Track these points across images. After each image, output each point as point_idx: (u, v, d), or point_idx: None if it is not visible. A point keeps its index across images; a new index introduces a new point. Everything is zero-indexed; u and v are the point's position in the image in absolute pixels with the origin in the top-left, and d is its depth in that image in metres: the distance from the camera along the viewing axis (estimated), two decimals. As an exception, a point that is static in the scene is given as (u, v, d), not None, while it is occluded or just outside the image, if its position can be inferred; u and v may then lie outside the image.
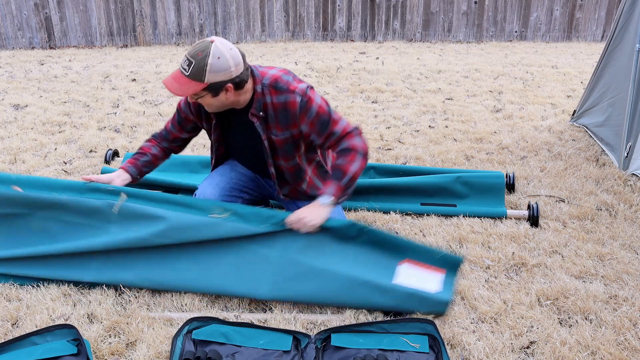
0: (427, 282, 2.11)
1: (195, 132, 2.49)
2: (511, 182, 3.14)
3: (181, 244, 2.20)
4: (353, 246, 2.20)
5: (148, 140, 2.50)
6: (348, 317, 2.06)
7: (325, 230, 2.18)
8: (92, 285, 2.23)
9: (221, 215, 2.20)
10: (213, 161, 2.55)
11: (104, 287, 2.25)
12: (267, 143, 2.29)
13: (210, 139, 2.47)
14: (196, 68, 2.05)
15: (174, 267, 2.19)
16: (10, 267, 2.26)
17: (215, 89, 2.10)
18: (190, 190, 2.99)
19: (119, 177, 2.36)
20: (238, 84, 2.12)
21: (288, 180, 2.44)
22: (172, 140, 2.49)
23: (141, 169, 2.44)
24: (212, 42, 2.06)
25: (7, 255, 2.26)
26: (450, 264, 2.18)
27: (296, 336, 1.92)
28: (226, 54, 2.06)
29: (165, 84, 2.12)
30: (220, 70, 2.05)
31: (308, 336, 1.92)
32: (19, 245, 2.28)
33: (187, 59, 2.07)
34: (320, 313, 2.10)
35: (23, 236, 2.29)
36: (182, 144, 2.52)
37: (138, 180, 2.45)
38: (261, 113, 2.22)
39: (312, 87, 2.26)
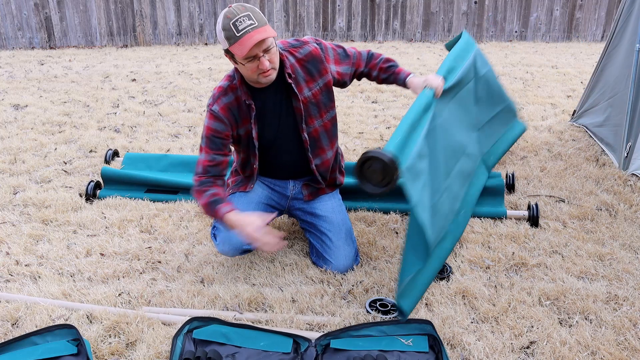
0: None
1: (231, 150, 2.34)
2: (511, 182, 3.14)
3: None
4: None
5: (215, 187, 2.23)
6: (347, 318, 2.06)
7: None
8: None
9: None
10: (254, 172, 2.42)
11: (104, 287, 2.25)
12: (302, 105, 2.27)
13: (244, 149, 2.36)
14: (258, 15, 2.06)
15: None
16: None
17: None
18: (189, 189, 2.99)
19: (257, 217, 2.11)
20: None
21: (323, 145, 2.39)
22: (222, 169, 2.27)
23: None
24: (230, 6, 2.08)
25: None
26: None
27: (296, 340, 1.92)
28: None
29: (256, 40, 2.01)
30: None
31: (308, 340, 1.92)
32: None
33: (246, 16, 2.03)
34: (320, 314, 2.10)
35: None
36: (227, 167, 2.31)
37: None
38: (293, 75, 2.25)
39: None
